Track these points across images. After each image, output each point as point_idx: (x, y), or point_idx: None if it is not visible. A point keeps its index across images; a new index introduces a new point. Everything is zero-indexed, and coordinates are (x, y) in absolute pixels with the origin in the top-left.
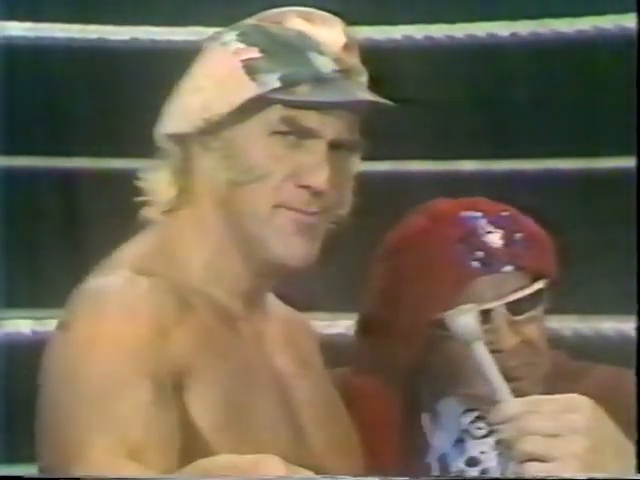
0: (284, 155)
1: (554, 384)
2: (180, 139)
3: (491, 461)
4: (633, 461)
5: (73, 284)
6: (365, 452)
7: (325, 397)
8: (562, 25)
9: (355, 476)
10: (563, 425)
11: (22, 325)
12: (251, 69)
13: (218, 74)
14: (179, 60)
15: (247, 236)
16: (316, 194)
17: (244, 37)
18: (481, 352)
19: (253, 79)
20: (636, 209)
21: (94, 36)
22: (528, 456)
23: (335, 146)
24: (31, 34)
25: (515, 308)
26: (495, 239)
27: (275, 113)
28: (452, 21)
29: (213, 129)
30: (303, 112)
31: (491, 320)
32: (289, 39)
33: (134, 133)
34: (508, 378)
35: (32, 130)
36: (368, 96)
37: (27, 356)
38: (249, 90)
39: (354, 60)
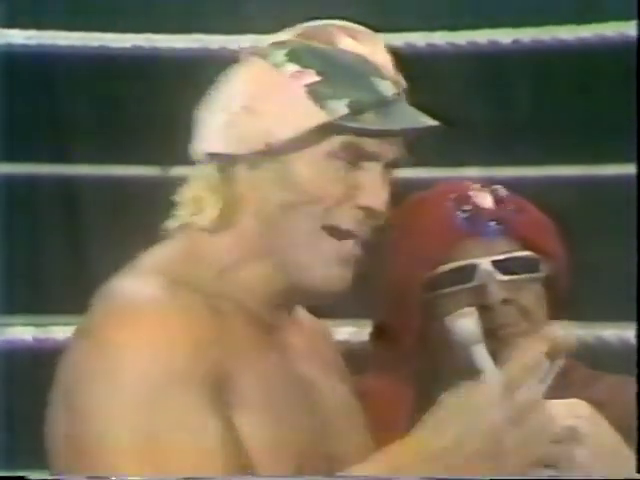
0: (340, 177)
1: (565, 389)
2: (226, 158)
3: None
4: (632, 464)
5: (74, 291)
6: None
7: (349, 406)
8: (564, 32)
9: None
10: (562, 431)
11: (23, 332)
12: (317, 95)
13: (278, 99)
14: (181, 68)
15: (287, 257)
16: (373, 214)
17: (295, 58)
18: (482, 355)
19: (321, 106)
20: (636, 215)
21: (96, 44)
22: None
23: (388, 165)
24: (33, 42)
25: (503, 269)
26: (486, 201)
27: (337, 139)
28: (454, 28)
29: (271, 152)
30: (365, 138)
31: (477, 276)
32: (349, 63)
33: (135, 140)
34: (495, 338)
35: (33, 137)
36: (430, 121)
37: (27, 363)
38: (317, 117)
39: (402, 79)
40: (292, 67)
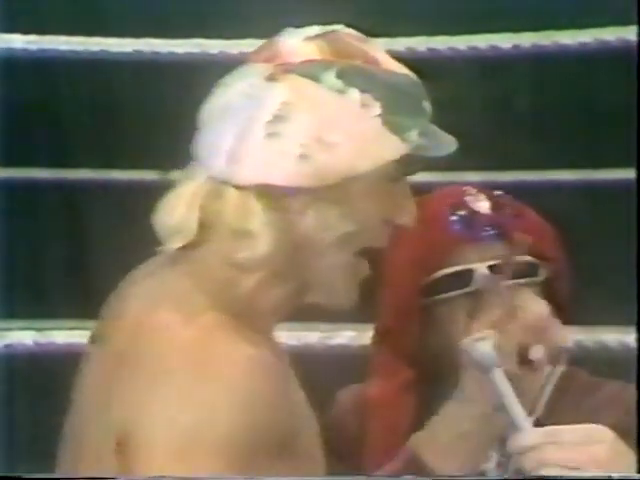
0: (385, 199)
1: (564, 396)
2: (286, 190)
3: (490, 462)
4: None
5: (74, 295)
6: (375, 455)
7: None
8: (564, 37)
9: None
10: (583, 457)
11: (23, 336)
12: (394, 126)
13: (355, 130)
14: (181, 72)
15: (318, 281)
16: (400, 229)
17: (352, 82)
18: (499, 380)
19: (401, 138)
20: (636, 219)
21: (96, 48)
22: None
23: None
24: (33, 46)
25: (501, 273)
26: (483, 206)
27: (394, 162)
28: (454, 33)
29: (343, 184)
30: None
31: (474, 281)
32: (404, 87)
33: (136, 145)
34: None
35: (34, 141)
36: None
37: (28, 367)
38: (399, 149)
39: None
40: (355, 93)
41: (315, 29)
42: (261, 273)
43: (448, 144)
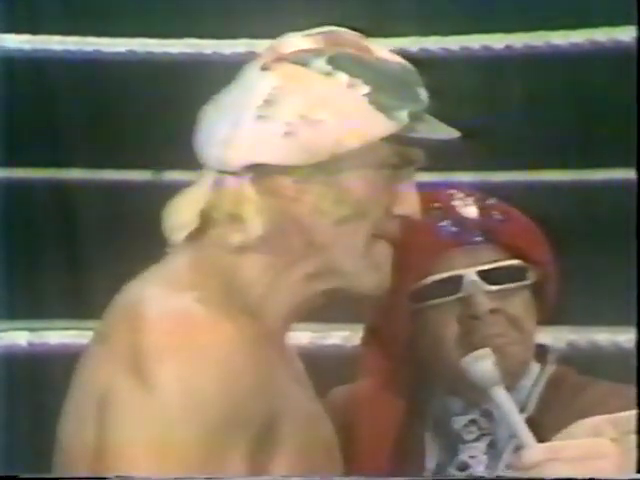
0: (387, 186)
1: (555, 396)
2: (273, 170)
3: (480, 465)
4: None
5: (70, 296)
6: (363, 455)
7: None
8: (556, 38)
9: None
10: (587, 472)
11: (19, 337)
12: (381, 105)
13: (341, 108)
14: (175, 71)
15: (335, 268)
16: (407, 220)
17: (341, 67)
18: (501, 397)
19: (388, 116)
20: (636, 220)
21: (90, 48)
22: None
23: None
24: (28, 46)
25: (489, 279)
26: (471, 211)
27: (390, 148)
28: (447, 33)
29: (331, 163)
30: (413, 147)
31: (463, 287)
32: (396, 72)
33: (131, 145)
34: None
35: (30, 142)
36: (456, 132)
37: (24, 367)
38: (386, 127)
39: None
40: (343, 76)
41: (314, 30)
42: (263, 260)
43: (448, 131)
